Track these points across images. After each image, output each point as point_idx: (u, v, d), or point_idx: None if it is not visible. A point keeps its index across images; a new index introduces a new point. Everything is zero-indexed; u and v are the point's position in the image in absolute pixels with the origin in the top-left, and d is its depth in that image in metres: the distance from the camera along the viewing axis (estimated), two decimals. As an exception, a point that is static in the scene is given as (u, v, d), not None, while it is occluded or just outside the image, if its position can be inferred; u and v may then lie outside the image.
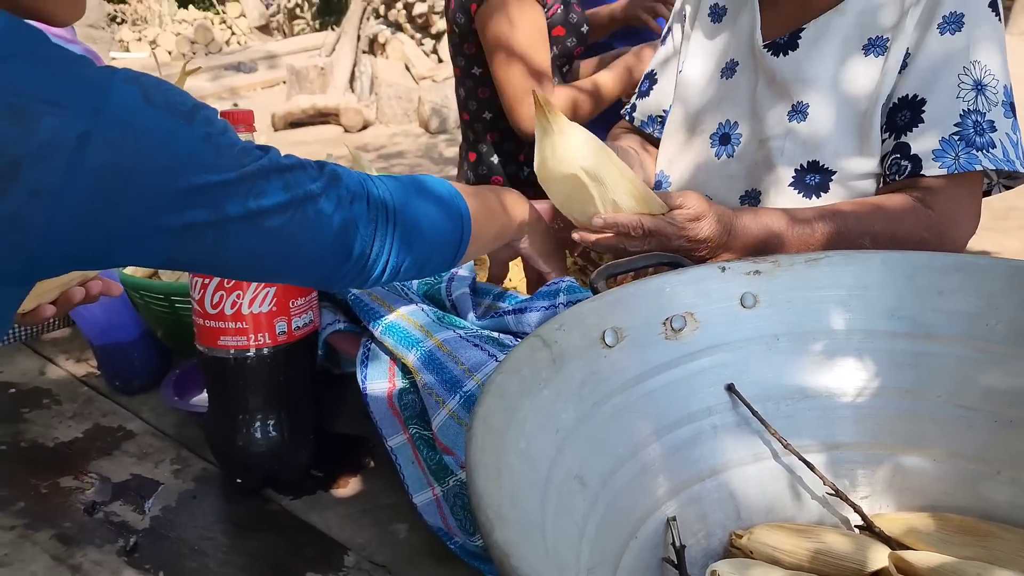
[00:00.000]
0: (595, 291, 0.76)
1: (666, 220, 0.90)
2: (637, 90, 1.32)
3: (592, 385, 0.67)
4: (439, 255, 0.78)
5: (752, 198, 1.09)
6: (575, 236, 0.94)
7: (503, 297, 0.94)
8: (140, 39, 11.38)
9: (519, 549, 0.43)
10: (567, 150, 0.89)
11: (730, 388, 0.73)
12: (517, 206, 0.94)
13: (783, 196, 1.05)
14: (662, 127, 1.26)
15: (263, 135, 7.13)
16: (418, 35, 8.23)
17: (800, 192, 1.04)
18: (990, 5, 0.97)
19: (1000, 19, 0.98)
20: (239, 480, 0.89)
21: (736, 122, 1.13)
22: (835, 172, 1.02)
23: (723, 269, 0.75)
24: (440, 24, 8.71)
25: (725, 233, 0.92)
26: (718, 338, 0.74)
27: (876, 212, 0.95)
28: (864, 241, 0.94)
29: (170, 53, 11.09)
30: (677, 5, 1.27)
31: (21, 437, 1.03)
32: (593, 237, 0.91)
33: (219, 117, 0.61)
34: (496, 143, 1.76)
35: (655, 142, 1.28)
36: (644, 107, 1.30)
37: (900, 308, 0.74)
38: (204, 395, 1.02)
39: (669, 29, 1.29)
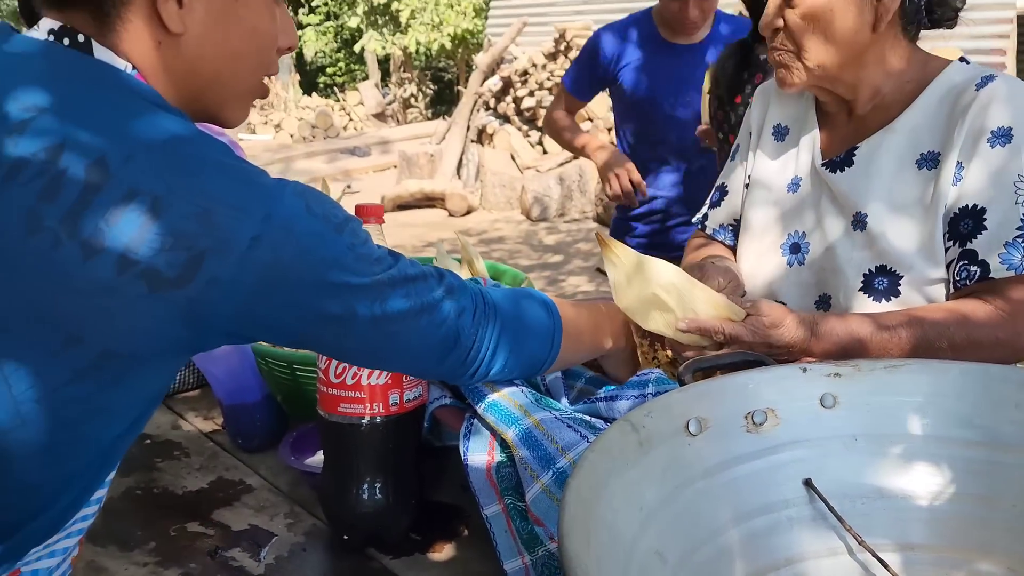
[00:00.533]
0: (682, 383, 0.82)
1: (745, 327, 0.96)
2: (708, 200, 1.41)
3: (675, 469, 0.72)
4: (526, 369, 0.92)
5: (824, 303, 1.16)
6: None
7: (596, 383, 1.01)
8: (266, 122, 12.21)
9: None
10: (639, 275, 0.97)
11: (807, 483, 0.77)
12: (607, 330, 1.05)
13: (855, 300, 1.11)
14: (732, 235, 1.34)
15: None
16: (525, 127, 8.57)
17: (871, 296, 1.11)
18: None
19: None
20: (345, 537, 0.98)
21: (804, 232, 1.20)
22: (902, 276, 1.09)
23: (804, 370, 0.81)
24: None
25: (808, 337, 0.98)
26: (798, 434, 0.79)
27: (953, 317, 1.00)
28: (942, 344, 0.99)
29: (292, 136, 11.84)
30: (744, 122, 1.36)
31: (154, 484, 1.15)
32: (683, 340, 0.99)
33: (362, 227, 0.73)
34: None
35: (730, 248, 1.36)
36: (715, 217, 1.38)
37: (976, 417, 0.77)
38: (317, 457, 1.12)
39: (737, 145, 1.38)
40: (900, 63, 1.13)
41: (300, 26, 17.41)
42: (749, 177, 1.30)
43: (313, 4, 16.00)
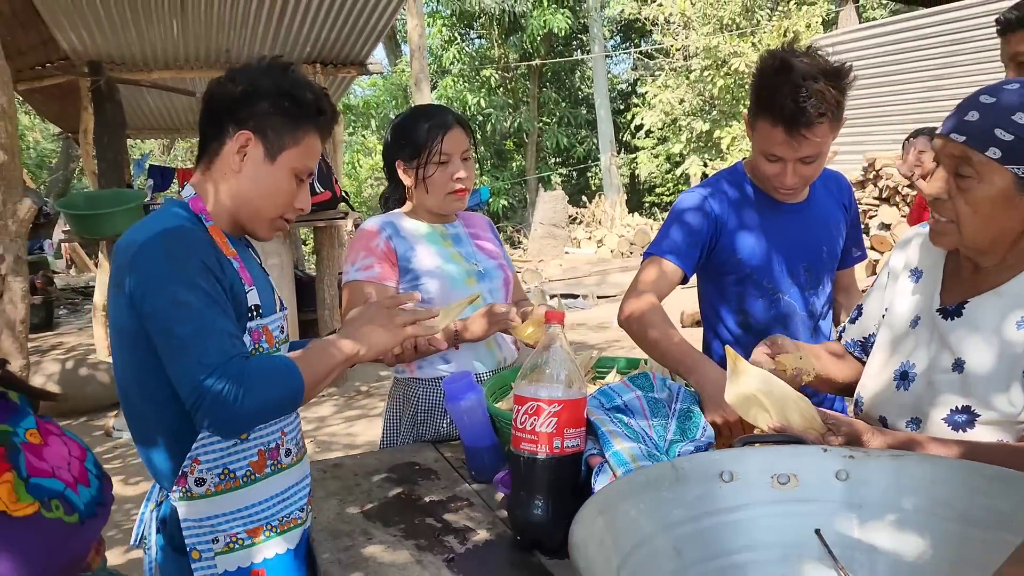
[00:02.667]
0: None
1: (821, 440, 1.24)
2: (849, 317, 1.64)
3: (705, 501, 1.06)
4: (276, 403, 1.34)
5: (914, 423, 1.36)
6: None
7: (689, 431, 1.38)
8: (590, 238, 13.32)
9: (591, 552, 0.88)
10: (747, 380, 1.30)
11: (817, 532, 1.06)
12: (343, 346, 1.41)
13: (936, 426, 1.31)
14: (860, 350, 1.57)
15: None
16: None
17: (949, 426, 1.29)
18: None
19: None
20: (518, 538, 1.40)
21: (914, 364, 1.39)
22: (979, 415, 1.27)
23: (825, 450, 1.10)
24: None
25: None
26: (814, 496, 1.08)
27: (1007, 448, 1.20)
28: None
29: (612, 251, 12.76)
30: (893, 257, 1.55)
31: (413, 492, 1.67)
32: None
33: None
34: None
35: (858, 360, 1.60)
36: (850, 332, 1.62)
37: (954, 500, 1.01)
38: (517, 488, 1.57)
39: (879, 277, 1.59)
40: None
41: (634, 149, 18.75)
42: (887, 310, 1.54)
43: (647, 129, 17.20)
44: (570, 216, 14.74)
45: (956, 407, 1.30)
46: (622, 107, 20.58)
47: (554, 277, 11.14)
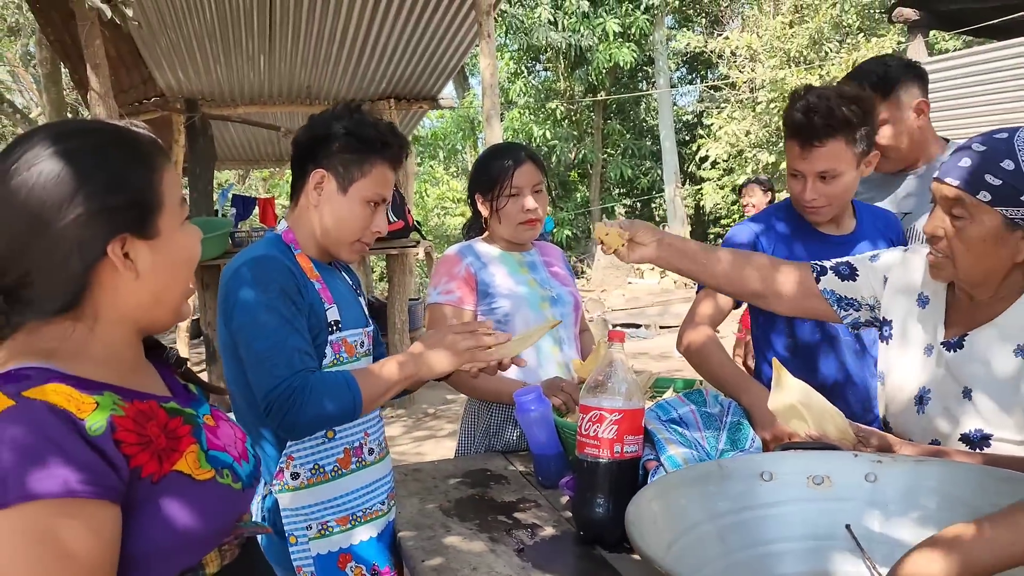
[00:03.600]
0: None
1: (852, 450, 1.37)
2: (836, 268, 1.66)
3: (746, 496, 1.21)
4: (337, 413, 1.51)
5: (935, 443, 1.47)
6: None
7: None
8: (653, 268, 13.39)
9: (649, 539, 1.04)
10: (789, 392, 1.44)
11: (848, 527, 1.20)
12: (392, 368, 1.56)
13: (955, 445, 1.43)
14: (836, 302, 1.63)
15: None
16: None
17: (967, 445, 1.41)
18: None
19: None
20: (581, 533, 1.56)
21: (929, 389, 1.50)
22: (992, 435, 1.39)
23: (856, 455, 1.24)
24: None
25: None
26: (845, 495, 1.22)
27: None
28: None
29: (675, 282, 12.82)
30: (884, 260, 1.63)
31: (486, 495, 1.85)
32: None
33: None
34: None
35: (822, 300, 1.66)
36: (831, 282, 1.64)
37: (970, 499, 1.14)
38: (581, 491, 1.73)
39: (876, 256, 1.65)
40: (1021, 270, 1.40)
41: (699, 180, 18.79)
42: (893, 331, 1.60)
43: (713, 161, 17.25)
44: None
45: (971, 429, 1.42)
46: (687, 138, 20.64)
47: (616, 307, 11.25)
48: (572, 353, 2.26)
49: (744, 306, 2.23)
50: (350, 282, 1.84)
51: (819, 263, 1.68)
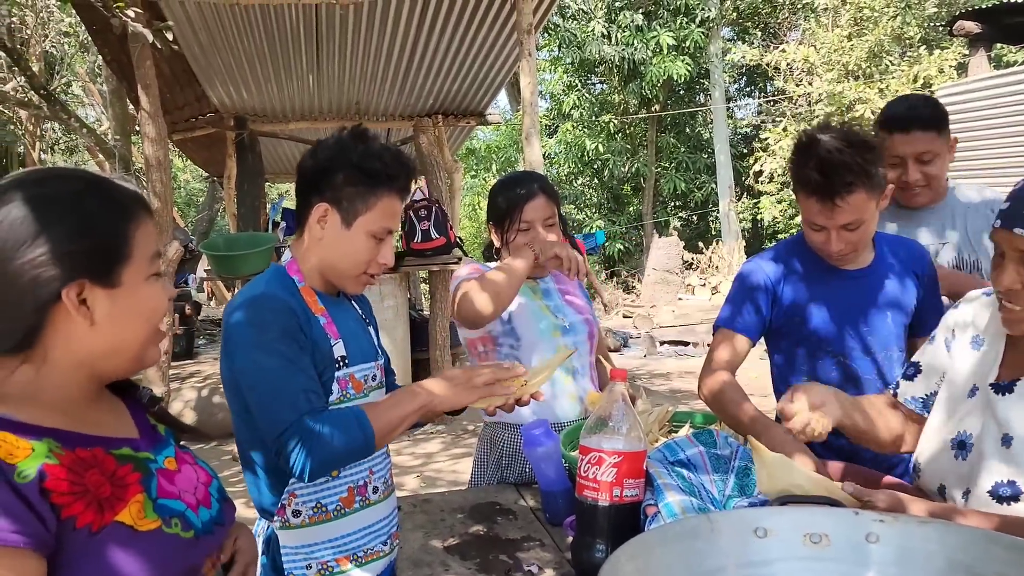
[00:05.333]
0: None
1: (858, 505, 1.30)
2: (903, 373, 1.66)
3: (738, 553, 1.15)
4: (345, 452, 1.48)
5: (967, 495, 1.39)
6: None
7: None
8: (704, 284, 13.20)
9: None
10: (777, 473, 1.36)
11: (846, 590, 1.13)
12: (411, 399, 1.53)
13: (981, 498, 1.34)
14: (921, 405, 1.60)
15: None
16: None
17: (993, 499, 1.33)
18: None
19: None
20: (580, 577, 1.52)
21: (971, 434, 1.43)
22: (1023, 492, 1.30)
23: (856, 513, 1.17)
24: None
25: None
26: (844, 556, 1.15)
27: None
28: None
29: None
30: (948, 321, 1.59)
31: (491, 531, 1.82)
32: None
33: None
34: None
35: (914, 415, 1.62)
36: (907, 389, 1.64)
37: (973, 564, 1.06)
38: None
39: (933, 337, 1.61)
40: None
41: (756, 194, 18.47)
42: (944, 375, 1.57)
43: (769, 175, 16.94)
44: (686, 262, 14.65)
45: (1002, 480, 1.34)
46: (744, 151, 20.33)
47: (665, 323, 11.10)
48: (586, 384, 2.22)
49: None
50: (360, 312, 1.81)
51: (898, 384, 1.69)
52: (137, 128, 12.20)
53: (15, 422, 0.88)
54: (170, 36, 3.69)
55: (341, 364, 1.62)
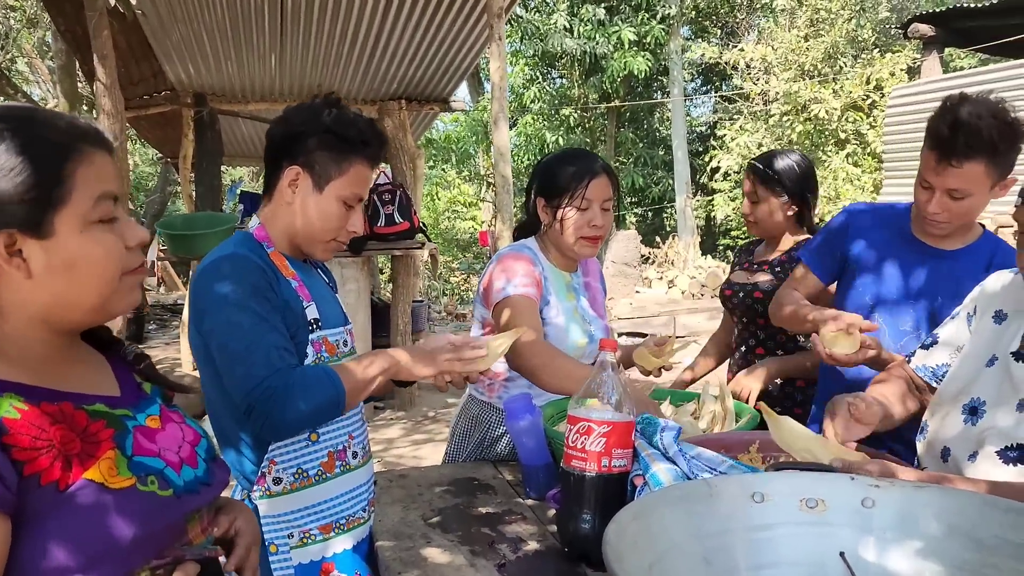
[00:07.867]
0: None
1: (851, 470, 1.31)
2: (920, 343, 1.69)
3: (736, 517, 1.15)
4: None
5: (973, 456, 1.41)
6: None
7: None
8: (660, 278, 13.30)
9: (627, 560, 0.98)
10: (791, 434, 1.39)
11: (842, 555, 1.13)
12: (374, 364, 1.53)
13: (989, 458, 1.37)
14: (931, 375, 1.63)
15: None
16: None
17: (1001, 459, 1.35)
18: None
19: None
20: (566, 549, 1.51)
21: (984, 400, 1.46)
22: None
23: (852, 478, 1.17)
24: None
25: None
26: (840, 520, 1.15)
27: None
28: None
29: (683, 293, 12.72)
30: (973, 296, 1.62)
31: (471, 505, 1.79)
32: None
33: None
34: None
35: (921, 385, 1.66)
36: (921, 358, 1.67)
37: (971, 529, 1.07)
38: (568, 505, 1.67)
39: (959, 313, 1.64)
40: None
41: (711, 191, 18.72)
42: (960, 348, 1.59)
43: (724, 172, 17.15)
44: (642, 256, 14.74)
45: (1012, 444, 1.36)
46: (700, 149, 20.56)
47: (623, 315, 11.17)
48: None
49: None
50: (326, 280, 1.80)
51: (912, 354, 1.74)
52: (85, 107, 11.85)
53: None
54: (134, 1, 3.56)
55: (315, 327, 1.61)
